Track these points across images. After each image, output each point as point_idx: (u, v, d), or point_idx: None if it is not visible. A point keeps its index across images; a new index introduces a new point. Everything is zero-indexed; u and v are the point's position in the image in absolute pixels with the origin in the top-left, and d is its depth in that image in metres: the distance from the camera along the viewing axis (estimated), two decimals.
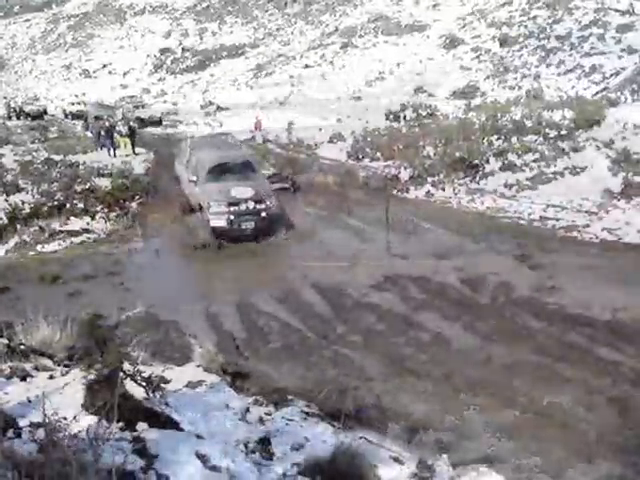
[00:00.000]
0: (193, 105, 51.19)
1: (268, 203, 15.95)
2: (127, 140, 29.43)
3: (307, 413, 6.87)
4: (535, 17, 41.03)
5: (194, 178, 16.85)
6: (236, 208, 15.54)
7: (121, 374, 4.57)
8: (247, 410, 6.25)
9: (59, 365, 5.74)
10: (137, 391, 4.85)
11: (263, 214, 15.79)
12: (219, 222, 15.41)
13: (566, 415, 6.99)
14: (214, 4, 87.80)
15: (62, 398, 4.66)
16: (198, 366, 7.72)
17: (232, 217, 15.42)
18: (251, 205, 15.71)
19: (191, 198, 17.24)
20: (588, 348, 8.67)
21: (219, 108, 48.02)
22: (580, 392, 7.46)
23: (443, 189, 20.01)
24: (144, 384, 4.91)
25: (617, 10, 35.91)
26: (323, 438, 5.68)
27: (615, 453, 6.21)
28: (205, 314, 11.01)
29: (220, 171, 16.88)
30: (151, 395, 4.98)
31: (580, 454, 6.22)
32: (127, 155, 28.33)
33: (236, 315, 10.94)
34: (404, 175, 21.53)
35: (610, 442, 6.39)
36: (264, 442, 5.28)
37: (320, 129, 33.54)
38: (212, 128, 41.19)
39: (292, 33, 65.23)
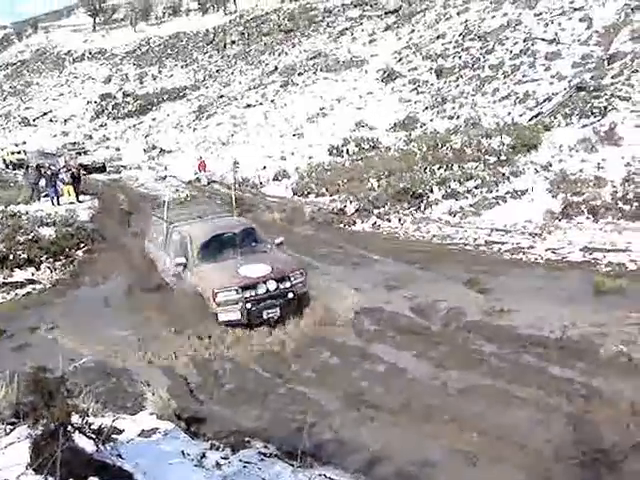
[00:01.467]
0: (136, 149, 50.86)
1: (294, 280, 12.11)
2: (70, 188, 28.99)
3: (265, 454, 6.79)
4: (468, 48, 42.09)
5: (181, 261, 12.61)
6: (253, 293, 11.61)
7: (69, 427, 4.44)
8: (203, 455, 6.16)
9: (3, 423, 5.55)
10: (87, 444, 4.70)
11: (290, 295, 11.87)
12: (231, 315, 11.50)
13: (523, 435, 7.03)
14: (153, 48, 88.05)
15: (5, 458, 4.49)
16: (151, 414, 7.58)
17: (249, 306, 11.49)
18: (272, 286, 11.77)
19: (180, 288, 12.92)
20: (541, 367, 8.78)
21: (163, 151, 47.85)
22: (535, 411, 7.53)
23: (389, 220, 20.23)
24: (94, 436, 4.77)
25: (544, 39, 37.14)
26: (281, 478, 5.60)
27: (572, 468, 6.26)
28: None
29: (216, 247, 12.91)
30: (101, 447, 4.84)
31: (539, 473, 6.25)
32: (71, 203, 27.90)
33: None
34: (350, 208, 21.72)
35: (567, 457, 6.45)
36: None
37: (264, 167, 33.64)
38: (156, 172, 40.96)
39: (232, 74, 65.62)
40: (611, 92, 25.89)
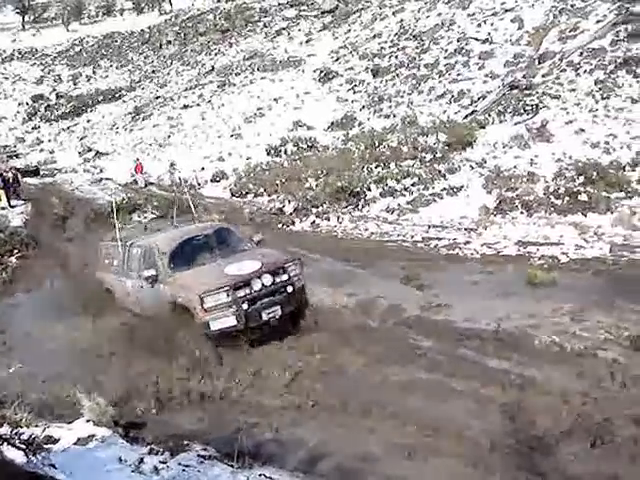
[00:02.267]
0: (71, 152, 49.66)
1: (291, 271, 10.89)
2: (1, 192, 28.12)
3: (204, 456, 6.72)
4: (404, 47, 42.44)
5: (150, 273, 11.04)
6: (247, 291, 10.22)
7: None
8: (141, 461, 6.08)
9: None
10: (17, 455, 4.52)
11: (289, 289, 10.65)
12: (225, 321, 9.98)
13: (460, 426, 7.08)
14: (87, 48, 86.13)
15: None
16: (88, 421, 7.41)
17: (245, 306, 10.08)
18: (268, 280, 10.45)
19: (146, 308, 11.51)
20: (477, 360, 8.91)
21: (98, 154, 46.82)
22: (472, 403, 7.60)
23: (328, 219, 20.26)
24: (23, 447, 4.58)
25: (477, 39, 37.77)
26: None
27: (507, 456, 6.33)
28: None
29: (190, 252, 11.45)
30: (32, 458, 4.65)
31: (475, 463, 6.29)
32: (2, 208, 27.10)
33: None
34: (288, 208, 21.67)
35: (503, 446, 6.52)
36: None
37: (202, 168, 33.32)
38: (92, 175, 40.10)
39: (168, 74, 64.68)
40: (542, 90, 26.52)
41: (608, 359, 8.23)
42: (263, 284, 10.41)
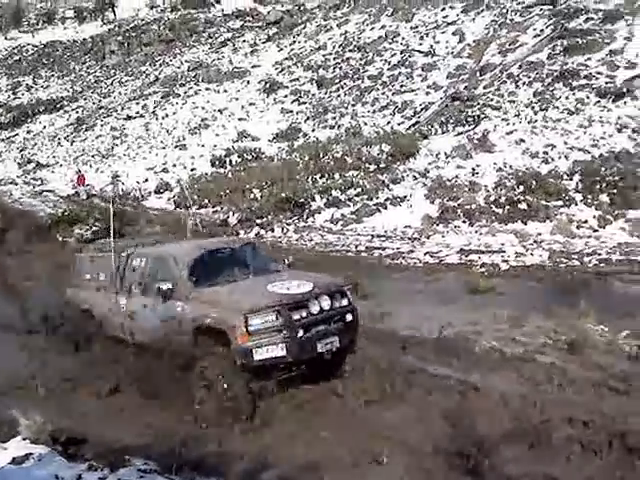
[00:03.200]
0: (10, 163, 48.47)
1: (349, 297, 8.76)
2: None
3: (145, 470, 6.57)
4: (348, 59, 42.81)
5: (166, 286, 8.76)
6: (304, 314, 8.02)
7: None
8: (79, 478, 5.89)
9: None
10: None
11: (348, 317, 8.49)
12: (272, 350, 7.70)
13: (403, 433, 7.05)
14: (27, 57, 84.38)
15: None
16: (24, 439, 7.16)
17: (300, 334, 7.86)
18: (326, 304, 8.25)
19: (151, 333, 9.16)
20: (420, 366, 8.90)
21: (39, 165, 45.82)
22: (414, 409, 7.59)
23: (272, 229, 20.21)
24: None
25: (420, 51, 38.38)
26: None
27: (449, 460, 6.33)
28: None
29: (214, 266, 9.37)
30: None
31: (418, 468, 6.27)
32: None
33: None
34: (233, 219, 21.53)
35: (445, 451, 6.52)
36: None
37: (146, 180, 32.89)
38: (33, 187, 39.17)
39: (112, 84, 63.82)
40: (483, 102, 26.99)
41: (546, 363, 8.36)
42: (321, 308, 8.21)
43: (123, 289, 10.00)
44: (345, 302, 8.56)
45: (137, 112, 50.60)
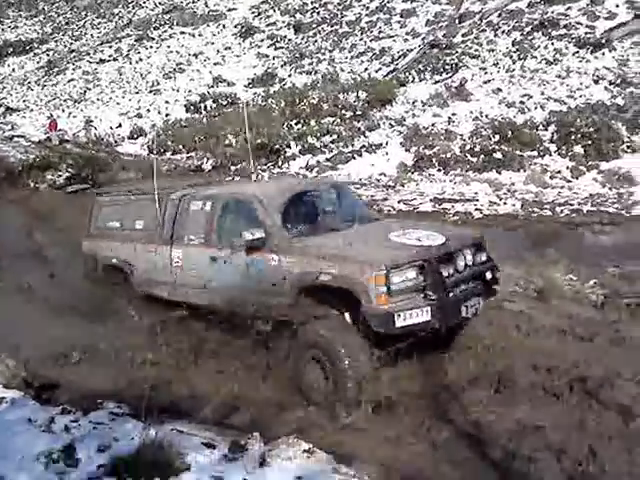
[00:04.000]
0: None
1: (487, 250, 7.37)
2: None
3: (117, 414, 6.58)
4: (326, 4, 42.10)
5: (257, 235, 6.96)
6: (451, 270, 6.59)
7: None
8: (52, 421, 5.89)
9: None
10: None
11: (488, 274, 7.09)
12: (417, 315, 6.17)
13: None
14: None
15: None
16: None
17: (448, 295, 6.41)
18: (469, 258, 6.89)
19: (226, 293, 7.48)
20: None
21: (9, 110, 44.81)
22: None
23: (247, 176, 20.00)
24: None
25: None
26: (132, 436, 5.42)
27: (417, 404, 6.37)
28: None
29: (310, 211, 7.99)
30: None
31: (389, 411, 6.30)
32: None
33: None
34: (207, 165, 21.32)
35: (413, 395, 6.56)
36: (68, 450, 5.03)
37: (120, 125, 32.38)
38: (2, 132, 38.37)
39: (83, 26, 62.26)
40: (462, 50, 26.73)
41: (514, 310, 8.43)
42: (465, 263, 6.83)
43: (176, 239, 8.28)
44: (484, 257, 7.21)
45: (110, 56, 49.50)
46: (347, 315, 6.69)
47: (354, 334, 6.43)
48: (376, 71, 29.99)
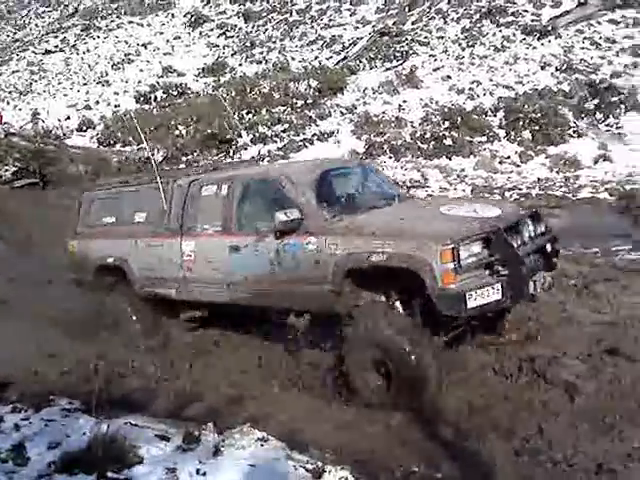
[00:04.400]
0: None
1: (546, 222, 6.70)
2: None
3: (69, 409, 6.48)
4: None
5: (292, 215, 6.11)
6: (518, 241, 5.91)
7: None
8: (1, 420, 5.77)
9: None
10: None
11: (548, 247, 6.29)
12: (489, 294, 5.43)
13: None
14: None
15: None
16: None
17: (521, 269, 5.59)
18: (531, 229, 6.23)
19: (255, 285, 6.67)
20: None
21: None
22: None
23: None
24: None
25: None
26: (83, 431, 5.34)
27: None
28: None
29: (342, 189, 7.19)
30: None
31: None
32: None
33: None
34: (158, 157, 21.05)
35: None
36: (18, 449, 4.88)
37: (68, 117, 31.77)
38: None
39: (27, 15, 60.80)
40: (412, 37, 26.87)
41: None
42: (530, 235, 6.16)
43: (186, 230, 7.37)
44: (544, 228, 6.45)
45: (56, 46, 48.48)
46: (397, 302, 5.93)
47: (419, 330, 5.63)
48: (327, 59, 30.02)
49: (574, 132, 17.74)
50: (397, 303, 5.90)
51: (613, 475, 4.41)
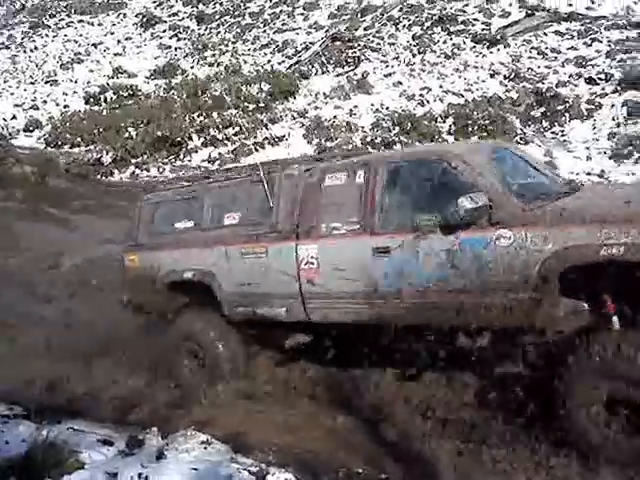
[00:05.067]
0: None
1: None
2: None
3: (8, 416, 6.37)
4: None
5: (481, 201, 4.78)
6: None
7: None
8: None
9: None
10: None
11: None
12: None
13: None
14: None
15: None
16: None
17: None
18: None
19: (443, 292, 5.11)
20: None
21: None
22: None
23: (148, 169, 19.78)
24: None
25: None
26: (23, 437, 5.26)
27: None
28: None
29: (512, 172, 5.76)
30: None
31: None
32: None
33: None
34: (107, 158, 20.83)
35: None
36: None
37: (14, 117, 31.10)
38: None
39: None
40: (364, 43, 27.06)
41: None
42: None
43: (304, 231, 5.97)
44: None
45: (2, 43, 47.39)
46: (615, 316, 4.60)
47: None
48: (279, 63, 29.97)
49: (521, 139, 18.12)
50: (614, 318, 4.57)
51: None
